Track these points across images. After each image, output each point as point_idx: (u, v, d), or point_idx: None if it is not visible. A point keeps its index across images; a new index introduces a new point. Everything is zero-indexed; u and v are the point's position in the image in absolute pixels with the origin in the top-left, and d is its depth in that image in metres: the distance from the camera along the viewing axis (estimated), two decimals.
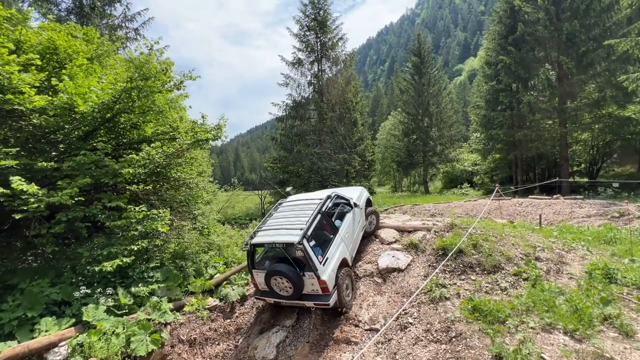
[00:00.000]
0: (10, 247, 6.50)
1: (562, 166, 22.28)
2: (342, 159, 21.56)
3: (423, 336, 4.63)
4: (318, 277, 5.10)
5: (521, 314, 4.48)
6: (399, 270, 6.25)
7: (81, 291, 5.54)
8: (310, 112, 23.46)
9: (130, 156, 6.36)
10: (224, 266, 8.04)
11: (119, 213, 6.28)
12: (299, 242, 4.96)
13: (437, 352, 4.24)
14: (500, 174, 31.65)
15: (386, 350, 4.74)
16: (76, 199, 5.48)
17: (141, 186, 6.82)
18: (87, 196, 6.23)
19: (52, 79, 5.97)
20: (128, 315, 5.52)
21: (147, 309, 5.71)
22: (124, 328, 5.13)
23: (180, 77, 7.58)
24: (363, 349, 4.83)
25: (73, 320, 5.15)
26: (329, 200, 6.25)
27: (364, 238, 7.36)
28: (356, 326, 5.39)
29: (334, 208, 6.46)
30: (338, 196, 6.63)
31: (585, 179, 23.63)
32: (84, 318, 5.04)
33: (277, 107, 22.99)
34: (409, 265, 6.35)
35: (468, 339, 4.18)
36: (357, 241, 6.78)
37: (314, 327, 5.60)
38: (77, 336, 4.87)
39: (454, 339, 4.30)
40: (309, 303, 5.33)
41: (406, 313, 5.21)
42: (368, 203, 7.75)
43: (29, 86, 5.45)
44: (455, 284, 5.49)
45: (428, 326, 4.74)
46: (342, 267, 5.70)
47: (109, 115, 6.43)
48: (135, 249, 5.97)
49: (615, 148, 23.90)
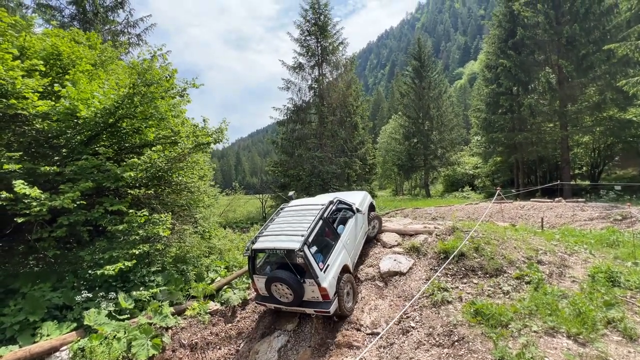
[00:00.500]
0: (12, 251, 6.53)
1: (564, 169, 22.23)
2: (343, 163, 21.56)
3: (425, 340, 4.60)
4: (319, 285, 5.07)
5: (524, 318, 4.45)
6: (401, 273, 6.23)
7: (83, 295, 5.54)
8: (311, 116, 23.52)
9: (132, 160, 6.39)
10: (225, 270, 8.03)
11: (121, 217, 6.29)
12: (300, 249, 4.94)
13: (440, 356, 4.21)
14: (501, 177, 31.60)
15: (388, 354, 4.71)
16: (78, 203, 5.50)
17: (143, 190, 6.84)
18: (89, 200, 6.25)
19: (55, 85, 6.03)
20: (129, 319, 5.52)
21: (149, 313, 5.70)
22: (125, 332, 5.12)
23: (183, 84, 7.64)
24: (364, 353, 4.81)
25: (74, 324, 5.15)
26: (331, 205, 6.21)
27: (366, 242, 7.33)
28: (358, 330, 5.36)
29: (336, 213, 6.42)
30: (340, 201, 6.60)
31: (587, 182, 23.57)
32: (86, 322, 5.04)
33: (278, 111, 23.07)
34: (411, 268, 6.33)
35: (470, 343, 4.15)
36: (359, 247, 6.73)
37: (316, 332, 5.57)
38: (79, 340, 4.87)
39: (457, 343, 4.27)
40: (310, 310, 5.28)
41: (408, 317, 5.19)
42: (371, 208, 7.71)
43: (32, 91, 5.50)
44: (457, 288, 5.46)
45: (430, 330, 4.71)
46: (344, 273, 5.66)
47: (112, 120, 6.48)
48: (136, 253, 5.98)
49: (616, 151, 23.85)
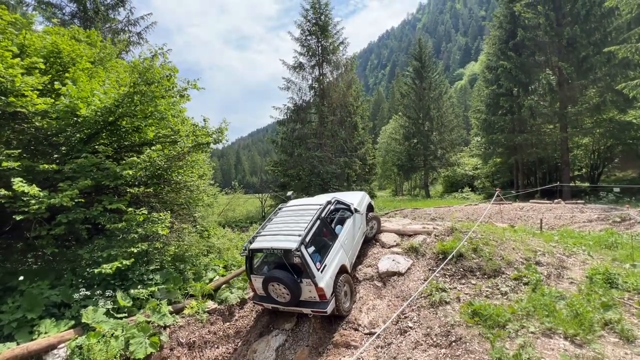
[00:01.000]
0: (10, 249, 6.53)
1: (563, 171, 22.25)
2: (343, 163, 21.56)
3: (423, 340, 4.60)
4: (316, 285, 5.07)
5: (521, 319, 4.45)
6: (399, 274, 6.24)
7: (81, 293, 5.55)
8: (311, 116, 23.50)
9: (131, 159, 6.39)
10: (224, 269, 8.03)
11: (120, 215, 6.29)
12: (297, 249, 4.95)
13: (437, 357, 4.22)
14: (501, 178, 31.61)
15: (386, 354, 4.71)
16: (77, 201, 5.50)
17: (142, 189, 6.84)
18: (88, 198, 6.25)
19: (55, 83, 6.02)
20: (127, 317, 5.52)
21: (147, 312, 5.70)
22: (123, 330, 5.13)
23: (184, 85, 7.61)
24: (362, 353, 4.81)
25: (72, 322, 5.15)
26: (329, 205, 6.21)
27: (365, 242, 7.33)
28: (356, 330, 5.36)
29: (334, 213, 6.44)
30: (338, 201, 6.61)
31: (586, 184, 23.58)
32: (83, 320, 5.04)
33: (279, 111, 23.05)
34: (409, 269, 6.33)
35: (468, 344, 4.16)
36: (357, 247, 6.74)
37: (314, 331, 5.58)
38: (77, 338, 4.87)
39: (454, 343, 4.28)
40: (307, 310, 5.29)
41: (406, 317, 5.19)
42: (369, 208, 7.72)
43: (32, 89, 5.50)
44: (455, 288, 5.47)
45: (428, 330, 4.71)
46: (341, 274, 5.67)
47: (111, 118, 6.48)
48: (135, 252, 5.98)
49: (616, 153, 23.87)
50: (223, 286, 7.11)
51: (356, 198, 7.32)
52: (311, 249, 5.33)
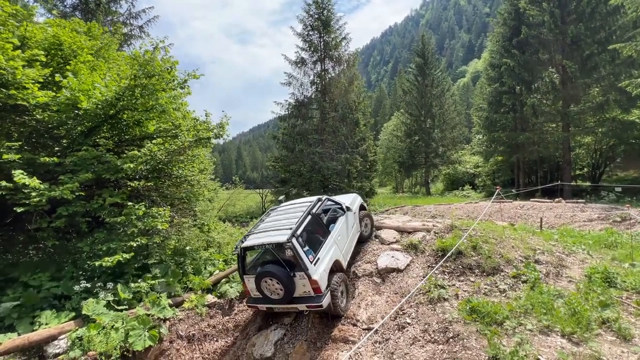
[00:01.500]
0: (12, 241, 6.57)
1: (565, 169, 22.19)
2: (344, 159, 21.51)
3: (420, 336, 4.63)
4: (309, 277, 5.02)
5: (519, 316, 4.47)
6: (398, 270, 6.26)
7: (81, 285, 5.58)
8: (312, 112, 23.42)
9: (132, 152, 6.39)
10: (224, 263, 8.06)
11: (120, 209, 6.31)
12: (288, 241, 4.95)
13: (434, 353, 4.25)
14: (502, 177, 31.56)
15: (384, 349, 4.75)
16: (77, 194, 5.51)
17: (143, 182, 6.85)
18: (89, 191, 6.27)
19: (56, 76, 6.00)
20: (128, 310, 5.56)
21: (147, 305, 5.74)
22: (123, 323, 5.17)
23: (184, 76, 7.60)
24: (360, 348, 4.84)
25: (73, 314, 5.19)
26: (319, 202, 6.28)
27: (361, 242, 7.37)
28: (354, 325, 5.39)
29: (326, 212, 6.46)
30: (329, 199, 6.71)
31: (587, 183, 23.52)
32: (84, 312, 5.08)
33: (280, 106, 22.97)
34: (408, 265, 6.35)
35: (465, 340, 4.18)
36: (352, 244, 6.75)
37: (312, 326, 5.61)
38: (77, 330, 4.91)
39: (451, 340, 4.30)
40: (302, 306, 5.22)
41: (404, 313, 5.22)
42: (362, 208, 7.75)
43: (33, 82, 5.49)
44: (454, 285, 5.48)
45: (426, 326, 4.74)
46: (337, 272, 5.67)
47: (112, 112, 6.46)
48: (134, 245, 6.00)
49: (618, 152, 23.76)
50: (222, 280, 7.15)
51: (348, 199, 7.44)
52: (306, 248, 5.28)
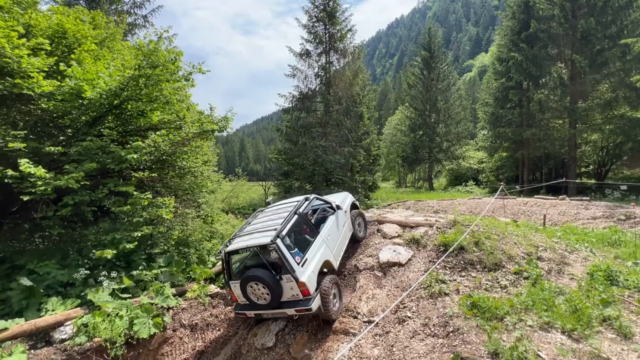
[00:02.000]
0: (18, 229, 6.66)
1: (570, 167, 21.99)
2: (347, 153, 21.43)
3: (420, 330, 4.67)
4: (296, 279, 4.79)
5: (520, 312, 4.49)
6: (400, 264, 6.28)
7: (86, 273, 5.66)
8: (316, 105, 23.27)
9: (136, 143, 6.40)
10: None
11: (125, 199, 6.36)
12: (272, 242, 4.74)
13: (434, 346, 4.28)
14: (506, 173, 31.33)
15: (384, 342, 4.79)
16: (82, 183, 5.55)
17: (147, 173, 6.88)
18: (94, 181, 6.31)
19: (61, 64, 6.00)
20: (132, 298, 5.64)
21: (150, 293, 5.82)
22: (128, 310, 5.25)
23: (189, 69, 7.53)
24: (360, 340, 4.89)
25: (78, 301, 5.28)
26: (307, 202, 6.12)
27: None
28: (355, 318, 5.44)
29: (315, 211, 6.30)
30: (317, 198, 6.55)
31: (592, 181, 23.32)
32: (89, 299, 5.16)
33: (284, 99, 22.85)
34: (410, 260, 6.37)
35: (465, 335, 4.21)
36: (343, 244, 6.58)
37: (313, 317, 5.67)
38: (82, 316, 5.00)
39: (451, 334, 4.33)
40: (290, 311, 5.01)
41: (405, 307, 5.25)
42: (353, 207, 7.55)
43: (38, 70, 5.49)
44: (455, 280, 5.50)
45: (426, 320, 4.77)
46: (328, 274, 5.53)
47: (116, 102, 6.46)
48: (139, 235, 6.06)
49: (625, 150, 23.42)
50: None
51: (339, 197, 7.28)
52: (290, 245, 5.14)
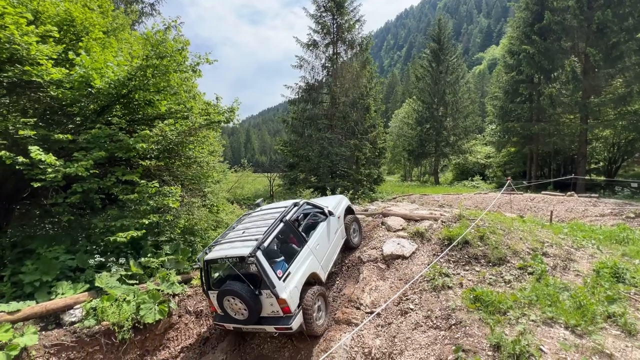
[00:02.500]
0: (29, 214, 6.80)
1: (579, 163, 21.64)
2: (353, 145, 21.35)
3: (423, 322, 4.70)
4: (276, 296, 4.44)
5: (523, 307, 4.48)
6: (403, 257, 6.29)
7: (95, 259, 5.78)
8: (323, 96, 23.12)
9: (143, 132, 6.44)
10: None
11: (132, 187, 6.44)
12: (250, 254, 4.37)
13: (436, 338, 4.32)
14: (514, 168, 30.96)
15: (386, 333, 4.85)
16: (91, 171, 5.63)
17: (154, 162, 6.94)
18: (102, 169, 6.39)
19: (69, 52, 6.02)
20: (139, 284, 5.76)
21: (157, 280, 5.93)
22: (135, 296, 5.37)
23: (196, 59, 7.49)
24: (362, 330, 4.95)
25: (87, 285, 5.40)
26: (295, 207, 5.73)
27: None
28: (357, 309, 5.50)
29: (304, 217, 6.04)
30: (308, 203, 6.18)
31: (602, 177, 22.93)
32: (97, 284, 5.28)
33: (290, 90, 22.74)
34: (414, 253, 6.38)
35: (467, 327, 4.23)
36: (334, 253, 6.20)
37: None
38: (91, 301, 5.13)
39: (454, 327, 4.36)
40: (270, 328, 4.69)
41: (407, 299, 5.28)
42: (348, 211, 7.22)
43: (47, 58, 5.52)
44: (458, 274, 5.51)
45: (428, 313, 4.80)
46: (314, 285, 5.26)
47: (124, 91, 6.49)
48: (146, 223, 6.15)
49: (637, 147, 22.95)
50: None
51: (332, 201, 6.93)
52: (274, 255, 4.95)
